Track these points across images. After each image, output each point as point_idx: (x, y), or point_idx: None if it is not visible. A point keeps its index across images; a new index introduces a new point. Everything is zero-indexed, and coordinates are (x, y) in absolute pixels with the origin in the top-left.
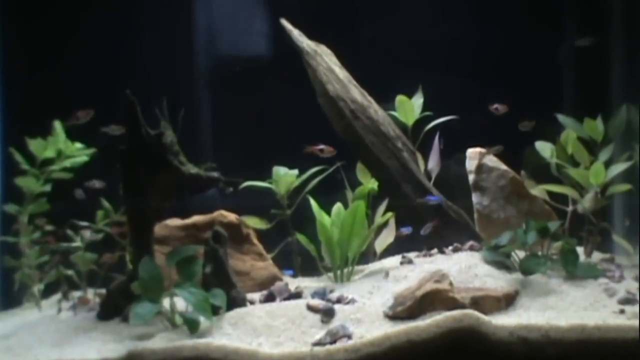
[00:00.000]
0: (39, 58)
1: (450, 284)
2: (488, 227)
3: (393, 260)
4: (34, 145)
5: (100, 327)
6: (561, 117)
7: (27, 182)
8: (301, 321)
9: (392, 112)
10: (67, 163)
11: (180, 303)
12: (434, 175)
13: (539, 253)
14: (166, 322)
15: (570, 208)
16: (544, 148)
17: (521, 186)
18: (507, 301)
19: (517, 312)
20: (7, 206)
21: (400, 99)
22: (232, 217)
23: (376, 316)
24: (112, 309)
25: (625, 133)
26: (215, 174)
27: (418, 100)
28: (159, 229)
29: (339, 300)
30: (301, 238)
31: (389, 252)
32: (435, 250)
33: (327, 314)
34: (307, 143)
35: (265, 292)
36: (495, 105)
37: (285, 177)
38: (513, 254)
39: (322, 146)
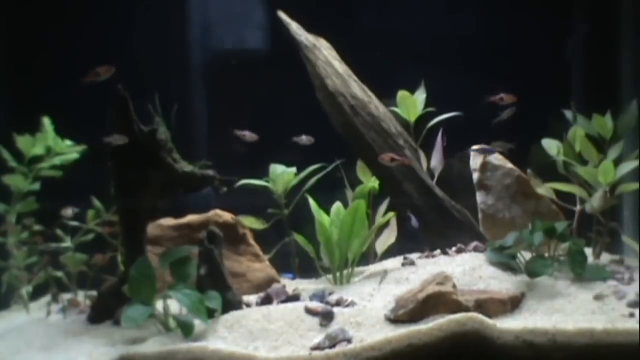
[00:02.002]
0: (26, 52)
1: (454, 286)
2: (493, 227)
3: (395, 262)
4: (22, 142)
5: (91, 330)
6: (569, 114)
7: (15, 180)
8: (299, 325)
9: (394, 109)
10: (57, 161)
11: (174, 306)
12: (437, 174)
13: (546, 254)
14: (159, 325)
15: (578, 208)
16: (551, 146)
17: (527, 185)
18: (512, 304)
19: (523, 315)
20: None
21: (402, 94)
22: (227, 216)
23: (377, 320)
24: (104, 312)
25: (635, 130)
26: (210, 172)
27: (421, 95)
28: (152, 229)
29: (338, 303)
30: (299, 239)
31: (390, 253)
32: (438, 252)
33: (326, 317)
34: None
35: (262, 295)
36: (500, 96)
37: (283, 175)
38: (519, 255)
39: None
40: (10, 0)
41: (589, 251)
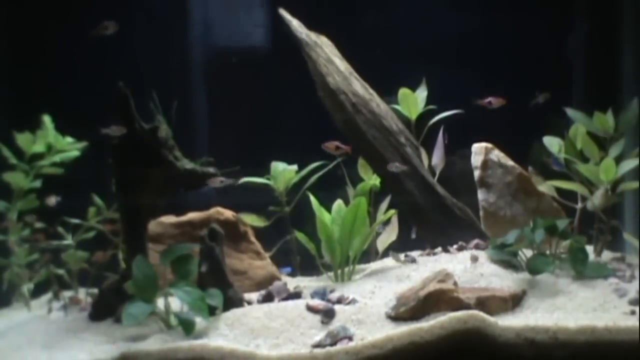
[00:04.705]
0: (26, 50)
1: (455, 283)
2: (494, 224)
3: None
4: (22, 139)
5: (92, 328)
6: (570, 111)
7: (15, 177)
8: (300, 322)
9: (395, 106)
10: (57, 158)
11: (175, 303)
12: (438, 171)
13: (547, 252)
14: (161, 322)
15: (579, 205)
16: (551, 143)
17: (528, 183)
18: (513, 302)
19: (524, 313)
20: None
21: (403, 92)
22: (228, 214)
23: (378, 317)
24: (105, 309)
25: (636, 127)
26: (211, 170)
27: (422, 93)
28: (153, 226)
29: (339, 301)
30: (300, 236)
31: (391, 250)
32: (439, 249)
33: (327, 315)
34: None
35: (263, 292)
36: (489, 99)
37: (284, 172)
38: (520, 252)
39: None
40: None
41: (590, 249)
